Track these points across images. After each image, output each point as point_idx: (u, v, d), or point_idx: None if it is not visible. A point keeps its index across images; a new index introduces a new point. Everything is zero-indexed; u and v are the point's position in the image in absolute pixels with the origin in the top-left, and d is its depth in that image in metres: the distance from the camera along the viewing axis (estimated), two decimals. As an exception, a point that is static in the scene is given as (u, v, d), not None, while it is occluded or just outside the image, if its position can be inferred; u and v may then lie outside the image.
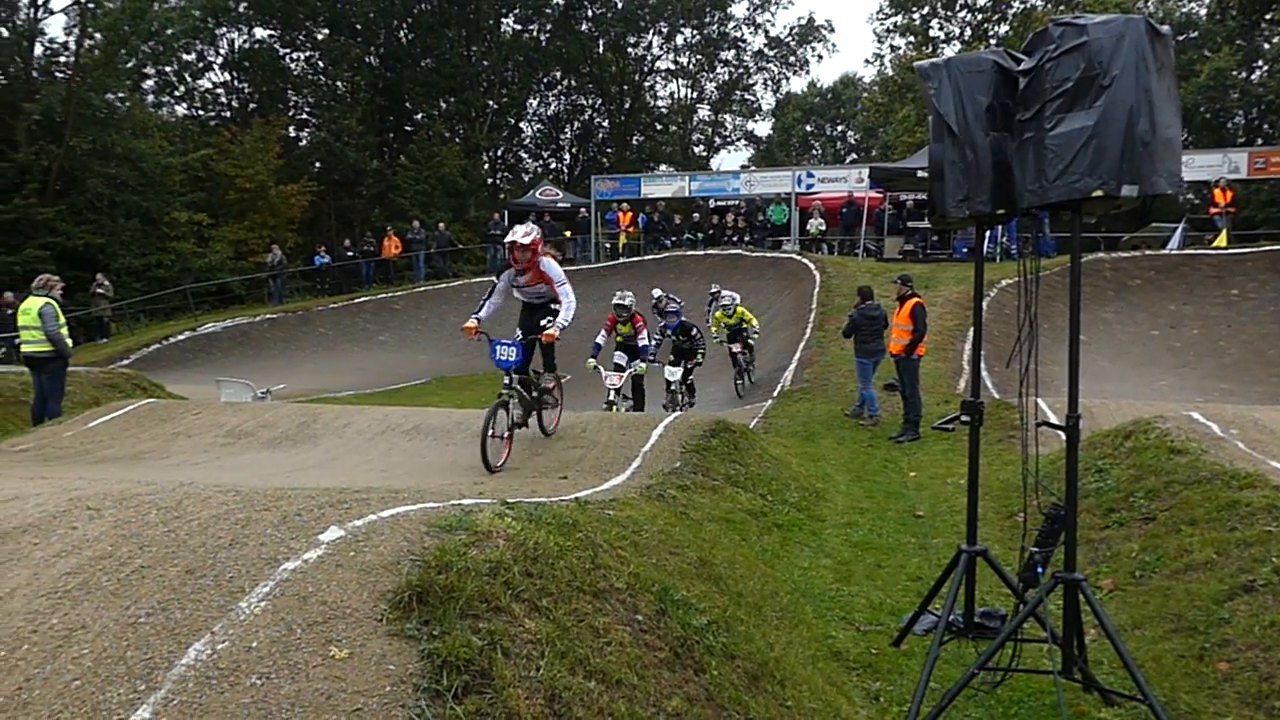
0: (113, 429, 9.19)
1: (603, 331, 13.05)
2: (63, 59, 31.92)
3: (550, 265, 8.02)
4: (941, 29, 41.63)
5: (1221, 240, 22.43)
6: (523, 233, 7.80)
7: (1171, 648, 4.64)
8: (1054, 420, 4.51)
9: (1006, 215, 4.44)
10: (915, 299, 12.20)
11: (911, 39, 42.22)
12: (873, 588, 6.17)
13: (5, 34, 30.63)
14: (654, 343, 13.36)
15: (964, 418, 4.70)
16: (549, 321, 7.70)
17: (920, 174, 21.07)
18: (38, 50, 31.60)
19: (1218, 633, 4.54)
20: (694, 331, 14.20)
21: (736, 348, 16.44)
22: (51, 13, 32.97)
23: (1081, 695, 4.32)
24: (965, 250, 22.98)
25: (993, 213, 4.36)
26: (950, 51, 38.47)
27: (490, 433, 7.26)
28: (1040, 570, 4.26)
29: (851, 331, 12.76)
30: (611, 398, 12.49)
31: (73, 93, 29.70)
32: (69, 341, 10.93)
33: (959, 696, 4.11)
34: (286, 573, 2.80)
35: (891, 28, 43.42)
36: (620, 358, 13.05)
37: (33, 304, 10.75)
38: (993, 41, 37.63)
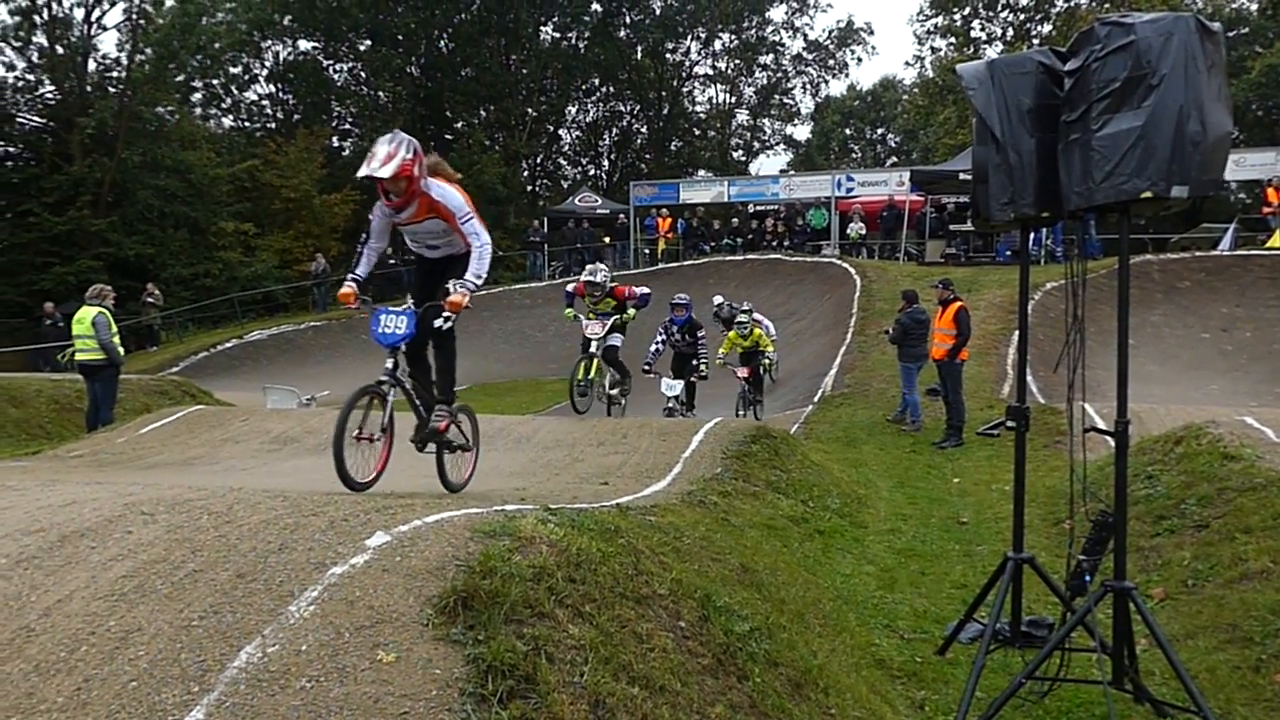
0: (163, 435, 9.38)
1: (573, 288, 11.01)
2: (115, 74, 32.79)
3: (445, 191, 5.56)
4: (983, 29, 41.16)
5: (1275, 240, 21.87)
6: (381, 157, 5.13)
7: (1226, 659, 4.54)
8: (1102, 426, 4.43)
9: (1051, 218, 4.38)
10: (958, 303, 12.07)
11: (952, 40, 41.77)
12: (917, 595, 6.11)
13: (61, 51, 31.47)
14: (655, 348, 12.08)
15: (1009, 423, 4.64)
16: (454, 285, 5.34)
17: (962, 176, 20.85)
18: (91, 66, 32.50)
19: (1275, 643, 4.44)
20: (701, 335, 12.10)
21: (743, 373, 13.73)
22: (105, 29, 33.78)
23: (1132, 706, 4.24)
24: (1009, 253, 22.68)
25: (1037, 215, 4.31)
26: (992, 52, 38.02)
27: (352, 433, 5.00)
28: (1089, 578, 4.20)
29: (901, 337, 12.55)
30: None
31: (124, 107, 30.48)
32: (120, 350, 11.19)
33: (1006, 706, 4.05)
34: (334, 577, 2.83)
35: (932, 29, 43.01)
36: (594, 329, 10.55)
37: (86, 313, 11.02)
38: (1035, 41, 37.11)
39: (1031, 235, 5.62)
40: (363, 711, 2.34)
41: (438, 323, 5.41)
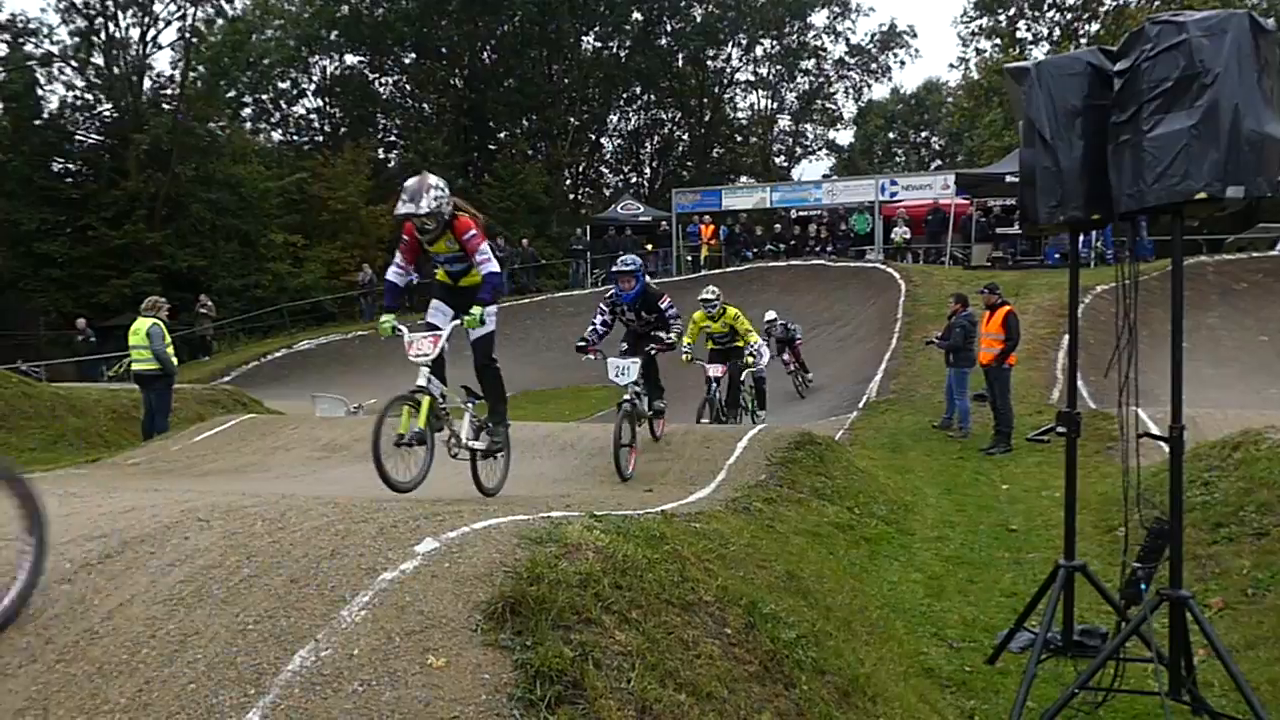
0: (216, 443, 9.58)
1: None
2: (169, 91, 33.64)
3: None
4: (1029, 30, 40.55)
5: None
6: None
7: (1288, 670, 4.41)
8: (1156, 431, 4.35)
9: (1101, 221, 4.31)
10: (1007, 307, 11.90)
11: (998, 41, 41.20)
12: (965, 603, 6.03)
13: (117, 71, 32.36)
14: (593, 327, 8.63)
15: (1060, 429, 4.57)
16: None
17: (1009, 179, 20.56)
18: (146, 84, 33.40)
19: (1339, 655, 4.31)
20: (667, 307, 8.52)
21: (717, 371, 10.92)
22: (159, 48, 34.64)
23: (1189, 718, 4.14)
24: (1057, 256, 22.30)
25: (1087, 218, 4.24)
26: (1038, 53, 37.45)
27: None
28: (1144, 587, 4.11)
29: (963, 340, 12.29)
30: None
31: (178, 123, 31.23)
32: (174, 360, 11.46)
33: (1058, 716, 3.98)
34: (385, 583, 2.88)
35: (977, 30, 42.47)
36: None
37: (141, 325, 11.31)
38: (1083, 41, 36.47)
39: (1081, 238, 5.54)
40: (414, 715, 2.38)
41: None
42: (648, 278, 8.61)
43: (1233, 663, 3.83)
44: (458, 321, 6.05)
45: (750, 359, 11.26)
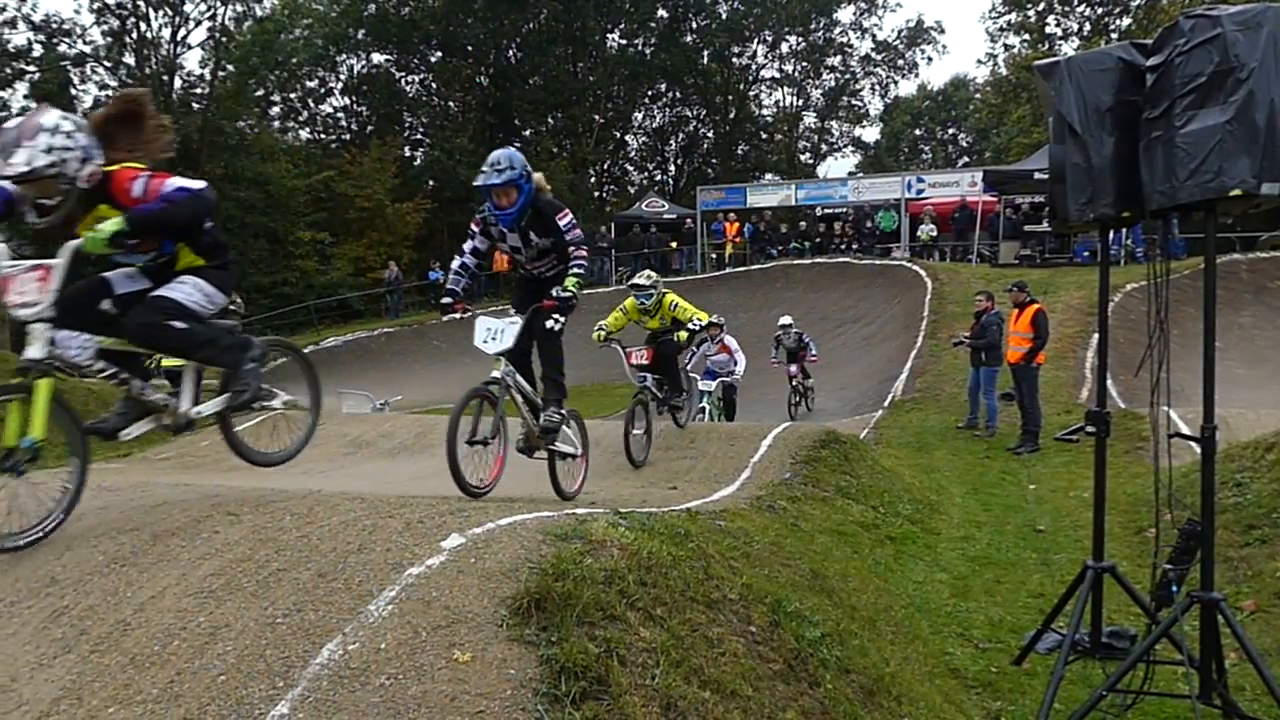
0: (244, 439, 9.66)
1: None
2: (199, 91, 34.06)
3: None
4: (1058, 25, 40.13)
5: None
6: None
7: (1323, 674, 4.34)
8: (1187, 431, 4.29)
9: (1132, 218, 4.26)
10: (1036, 305, 11.80)
11: (1026, 37, 40.83)
12: (991, 604, 5.98)
13: (148, 70, 32.79)
14: (460, 260, 6.14)
15: (1089, 428, 4.52)
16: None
17: (1038, 176, 20.35)
18: (176, 84, 33.83)
19: (1376, 660, 4.23)
20: (565, 225, 5.88)
21: (641, 358, 8.56)
22: (189, 48, 35.11)
23: (1221, 722, 4.09)
24: (1086, 254, 22.06)
25: (1117, 216, 4.20)
26: (1068, 48, 37.01)
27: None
28: (1174, 589, 4.06)
29: (997, 337, 12.14)
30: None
31: (208, 122, 31.58)
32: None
33: (1086, 718, 3.95)
34: (411, 578, 2.90)
35: (1005, 26, 42.09)
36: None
37: None
38: (1114, 36, 36.04)
39: (1111, 236, 5.48)
40: (440, 710, 2.39)
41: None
42: (538, 182, 5.73)
43: (1265, 666, 3.78)
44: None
45: (684, 335, 8.62)
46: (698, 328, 8.76)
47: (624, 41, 46.05)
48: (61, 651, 2.75)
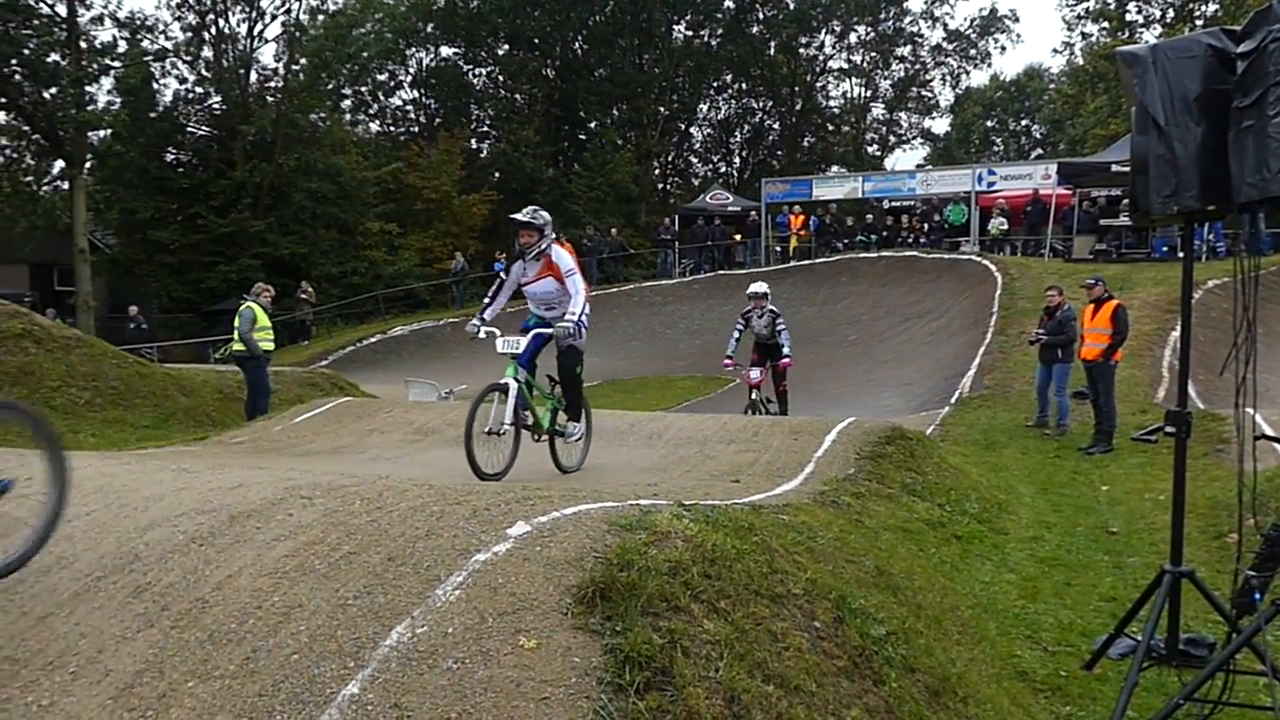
0: (315, 425, 9.91)
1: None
2: (273, 84, 34.90)
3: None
4: (1140, 11, 38.76)
5: None
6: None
7: None
8: (1272, 433, 4.13)
9: (1218, 212, 4.11)
10: (1115, 301, 11.46)
11: (1105, 25, 39.55)
12: (1061, 606, 5.84)
13: (225, 64, 33.70)
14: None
15: (1169, 429, 4.38)
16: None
17: (1115, 168, 19.76)
18: (252, 78, 34.72)
19: None
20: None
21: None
22: (265, 42, 36.04)
23: (1305, 735, 3.94)
24: (1165, 249, 21.34)
25: (1203, 209, 4.04)
26: (1149, 36, 35.81)
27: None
28: (1258, 596, 3.92)
29: (1075, 334, 11.76)
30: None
31: (282, 115, 32.33)
32: (258, 343, 11.60)
33: (1161, 727, 3.83)
34: (478, 564, 2.94)
35: (1083, 13, 40.82)
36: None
37: (240, 309, 11.87)
38: (1199, 23, 34.73)
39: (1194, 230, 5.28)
40: (505, 694, 2.42)
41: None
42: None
43: (1355, 679, 3.63)
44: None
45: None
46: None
47: (690, 33, 45.86)
48: (144, 626, 2.85)
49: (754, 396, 11.37)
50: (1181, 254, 4.60)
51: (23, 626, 2.97)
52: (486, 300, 7.04)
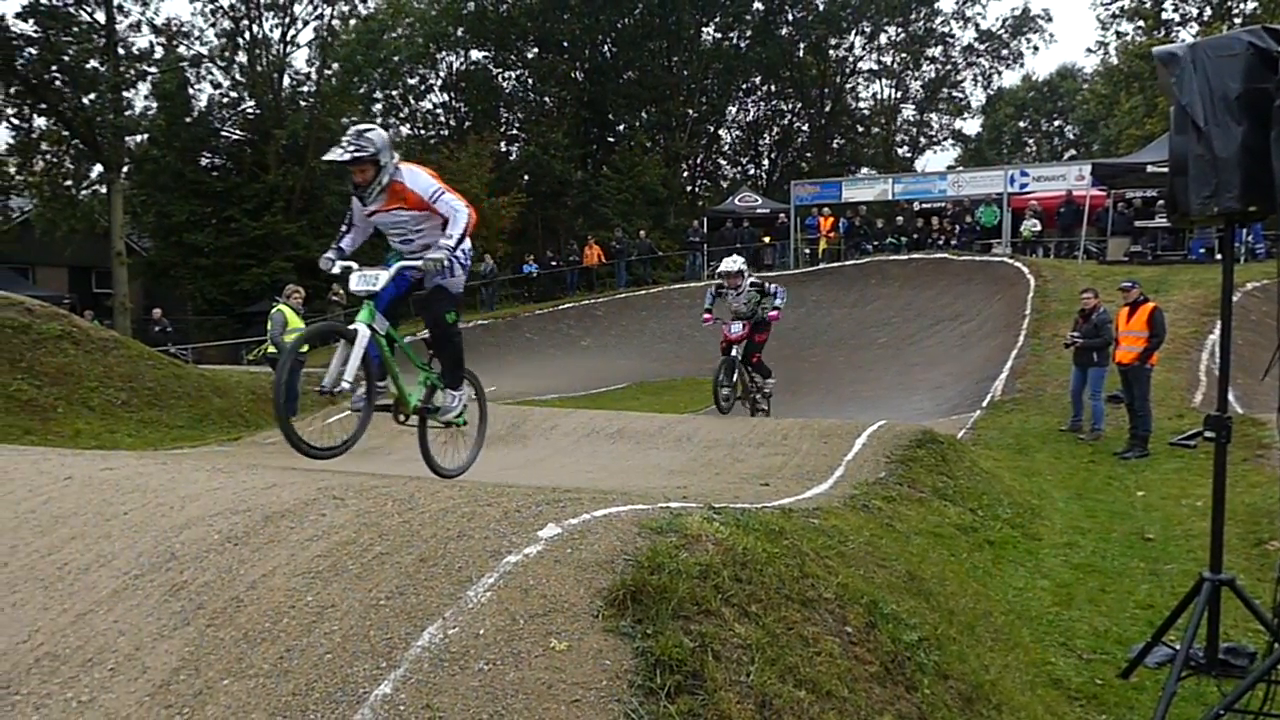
0: (345, 426, 9.97)
1: None
2: (306, 89, 35.30)
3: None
4: (1176, 10, 38.21)
5: None
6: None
7: None
8: (1317, 439, 4.05)
9: (1260, 213, 4.04)
10: (1151, 304, 11.30)
11: (1141, 23, 39.03)
12: (1096, 614, 5.77)
13: (259, 69, 34.14)
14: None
15: (1208, 433, 4.31)
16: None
17: (1151, 169, 19.48)
18: (285, 82, 35.12)
19: None
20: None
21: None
22: (298, 47, 36.49)
23: (1350, 748, 3.86)
24: (1202, 251, 20.99)
25: (1244, 209, 3.98)
26: (1185, 35, 35.28)
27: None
28: (1300, 606, 3.84)
29: (1111, 337, 11.58)
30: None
31: (314, 118, 32.69)
32: (287, 345, 11.86)
33: (1201, 738, 3.77)
34: (509, 566, 2.95)
35: (1118, 12, 40.27)
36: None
37: (272, 311, 12.10)
38: (1238, 21, 34.17)
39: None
40: (537, 697, 2.43)
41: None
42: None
43: (1402, 691, 3.55)
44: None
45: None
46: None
47: (719, 35, 45.81)
48: (180, 624, 2.88)
49: (732, 353, 10.41)
50: (1220, 256, 4.52)
51: (63, 623, 3.01)
52: (343, 228, 5.64)
